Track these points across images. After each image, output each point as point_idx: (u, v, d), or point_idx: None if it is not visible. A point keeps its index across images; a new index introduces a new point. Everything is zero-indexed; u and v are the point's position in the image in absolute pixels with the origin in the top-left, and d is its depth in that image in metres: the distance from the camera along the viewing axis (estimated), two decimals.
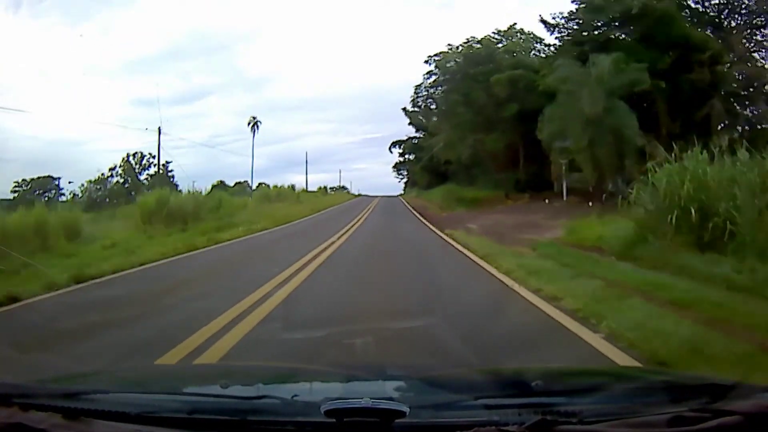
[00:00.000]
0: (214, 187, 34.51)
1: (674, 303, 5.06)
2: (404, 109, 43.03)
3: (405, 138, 51.35)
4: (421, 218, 21.53)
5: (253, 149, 49.26)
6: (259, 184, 36.59)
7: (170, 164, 35.38)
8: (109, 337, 4.50)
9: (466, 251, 10.27)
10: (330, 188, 66.64)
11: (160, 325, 4.88)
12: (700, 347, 3.58)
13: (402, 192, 64.53)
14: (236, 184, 44.41)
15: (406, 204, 34.89)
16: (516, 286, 6.31)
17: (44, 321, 5.38)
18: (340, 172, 71.54)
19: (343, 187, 72.15)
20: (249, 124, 45.29)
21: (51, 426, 1.12)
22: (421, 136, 45.58)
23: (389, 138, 52.12)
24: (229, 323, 4.68)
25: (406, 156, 55.68)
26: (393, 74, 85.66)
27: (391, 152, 54.54)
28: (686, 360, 3.39)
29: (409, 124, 44.91)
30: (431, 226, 17.17)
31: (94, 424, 1.17)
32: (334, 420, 1.11)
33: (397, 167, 65.17)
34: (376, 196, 52.78)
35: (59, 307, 6.16)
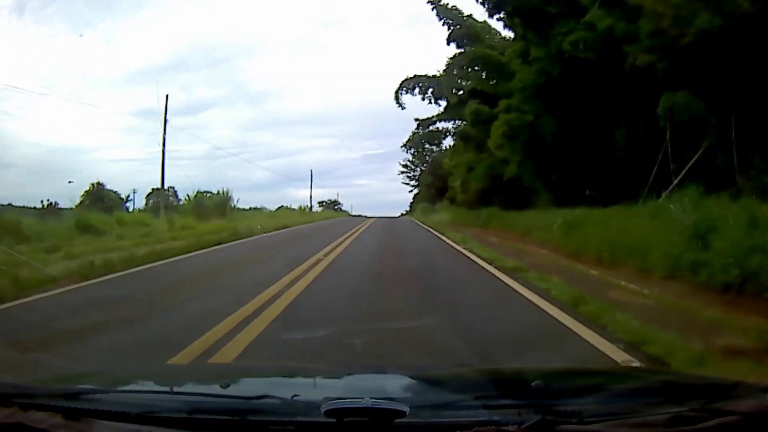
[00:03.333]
0: None
1: None
2: None
3: (433, 73, 22.55)
4: None
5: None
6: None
7: None
8: None
9: None
10: (319, 203, 54.73)
11: None
12: None
13: (407, 210, 41.80)
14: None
15: None
16: None
17: None
18: (310, 184, 50.52)
19: (336, 202, 62.31)
20: None
21: (51, 426, 1.12)
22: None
23: (390, 155, 40.06)
24: None
25: (437, 124, 26.01)
26: (394, 90, 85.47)
27: (400, 105, 25.17)
28: None
29: (448, 25, 19.93)
30: None
31: (94, 424, 1.17)
32: (334, 420, 1.11)
33: (411, 148, 35.29)
34: (367, 218, 33.06)
35: None
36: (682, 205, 8.12)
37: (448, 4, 20.63)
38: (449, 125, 24.82)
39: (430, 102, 23.64)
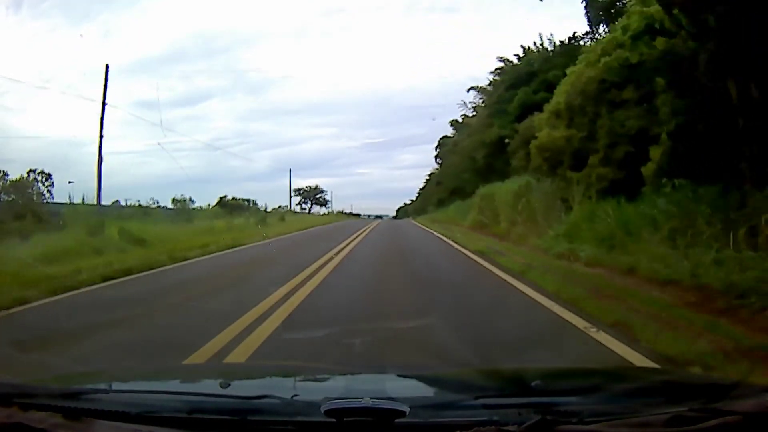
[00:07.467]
0: None
1: None
2: None
3: None
4: None
5: None
6: None
7: None
8: None
9: None
10: (296, 191, 45.67)
11: None
12: None
13: (413, 199, 31.55)
14: None
15: None
16: None
17: None
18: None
19: (317, 190, 55.05)
20: None
21: (51, 426, 1.12)
22: None
23: (391, 143, 36.93)
24: None
25: None
26: (395, 79, 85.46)
27: None
28: None
29: None
30: None
31: (95, 423, 1.16)
32: (334, 420, 1.11)
33: None
34: (365, 218, 26.15)
35: None
36: None
37: None
38: None
39: None
